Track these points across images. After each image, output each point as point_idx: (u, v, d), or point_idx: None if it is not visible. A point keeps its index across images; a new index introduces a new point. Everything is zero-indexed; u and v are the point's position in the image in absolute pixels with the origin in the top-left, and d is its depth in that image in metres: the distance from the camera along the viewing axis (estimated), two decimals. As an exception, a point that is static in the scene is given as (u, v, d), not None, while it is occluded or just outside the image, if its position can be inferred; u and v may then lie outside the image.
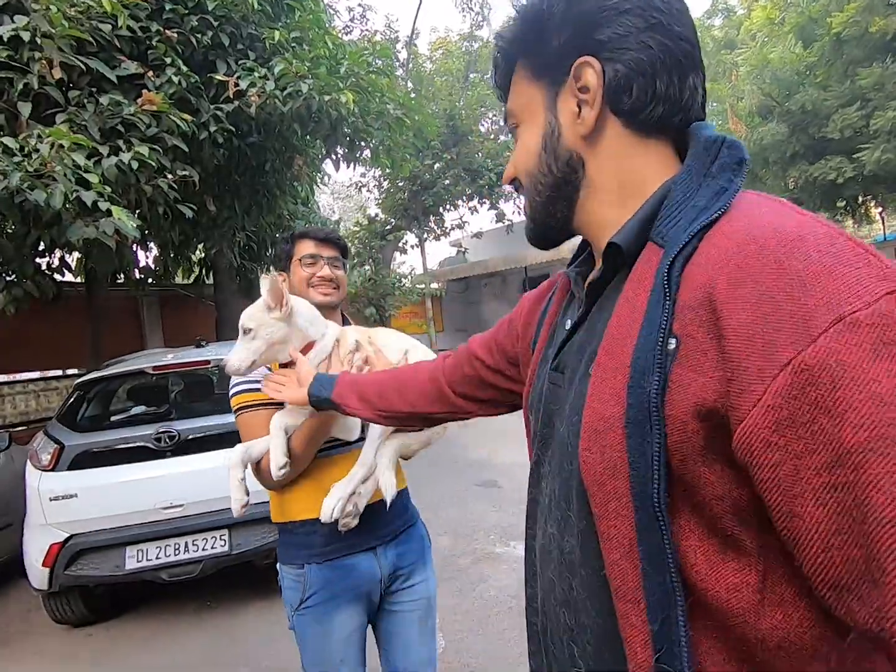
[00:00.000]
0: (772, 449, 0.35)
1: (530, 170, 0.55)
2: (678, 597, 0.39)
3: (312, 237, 1.34)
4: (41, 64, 2.72)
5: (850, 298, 0.34)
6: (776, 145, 9.87)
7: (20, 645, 2.96)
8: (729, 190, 0.45)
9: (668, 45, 0.48)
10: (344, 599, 1.18)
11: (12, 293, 3.26)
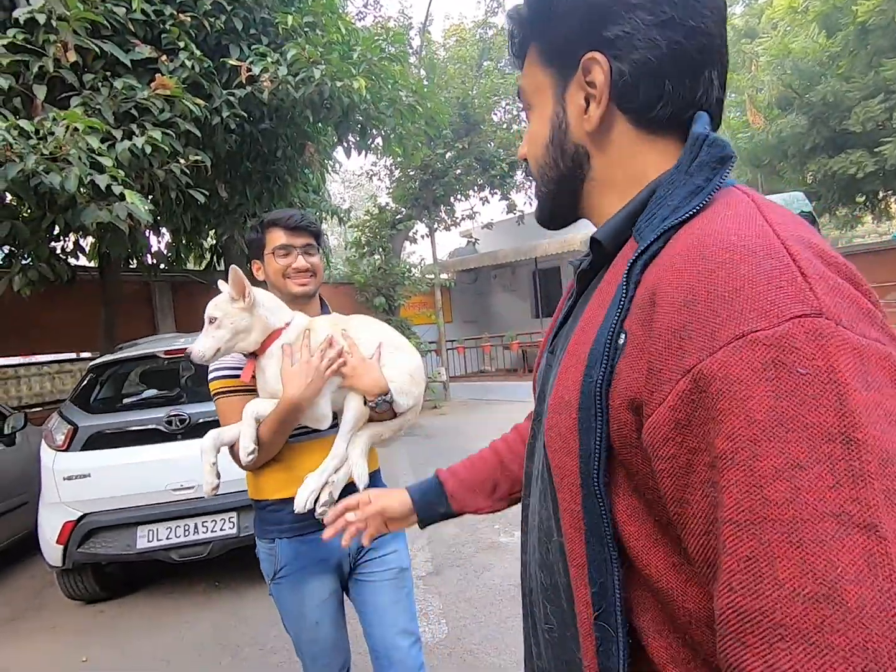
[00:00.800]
0: (669, 444, 0.37)
1: (538, 159, 0.55)
2: (615, 566, 0.42)
3: (283, 226, 1.30)
4: (56, 47, 2.73)
5: (757, 317, 0.35)
6: (795, 138, 9.67)
7: (35, 619, 3.04)
8: (705, 189, 0.44)
9: (680, 42, 0.46)
10: (315, 570, 1.28)
11: (28, 276, 3.31)
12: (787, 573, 0.31)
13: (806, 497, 0.31)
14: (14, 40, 2.71)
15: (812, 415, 0.32)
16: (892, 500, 0.31)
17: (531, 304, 12.23)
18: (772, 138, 9.94)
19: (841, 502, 0.31)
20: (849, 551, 0.30)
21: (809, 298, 0.35)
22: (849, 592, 0.30)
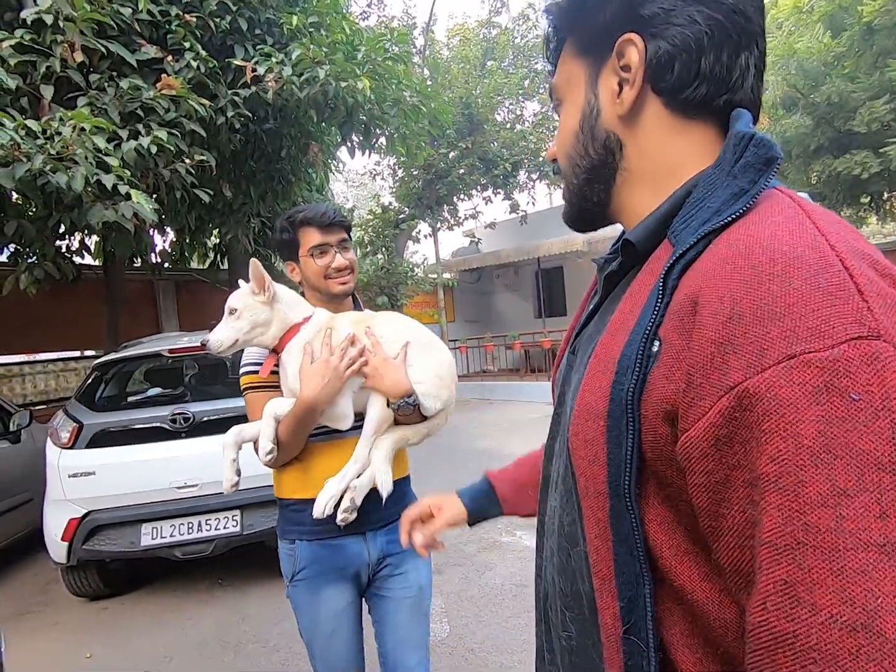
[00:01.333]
0: (707, 459, 0.37)
1: (568, 150, 0.53)
2: (646, 580, 0.41)
3: (317, 225, 1.26)
4: (63, 47, 2.75)
5: (810, 337, 0.33)
6: (800, 138, 9.64)
7: (39, 616, 3.07)
8: (749, 192, 0.42)
9: (718, 20, 0.45)
10: (332, 577, 1.23)
11: (34, 274, 3.33)
12: (826, 600, 0.31)
13: (850, 525, 0.31)
14: (21, 41, 2.73)
15: (863, 442, 0.31)
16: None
17: (534, 303, 12.22)
18: (776, 139, 9.91)
19: (887, 533, 0.30)
20: (892, 583, 0.30)
21: (867, 319, 0.33)
22: (888, 623, 0.29)
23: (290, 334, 1.18)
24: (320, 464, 1.20)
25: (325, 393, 1.12)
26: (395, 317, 1.29)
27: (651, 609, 0.41)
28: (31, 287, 3.36)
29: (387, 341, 1.19)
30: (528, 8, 11.57)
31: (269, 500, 3.00)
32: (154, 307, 7.59)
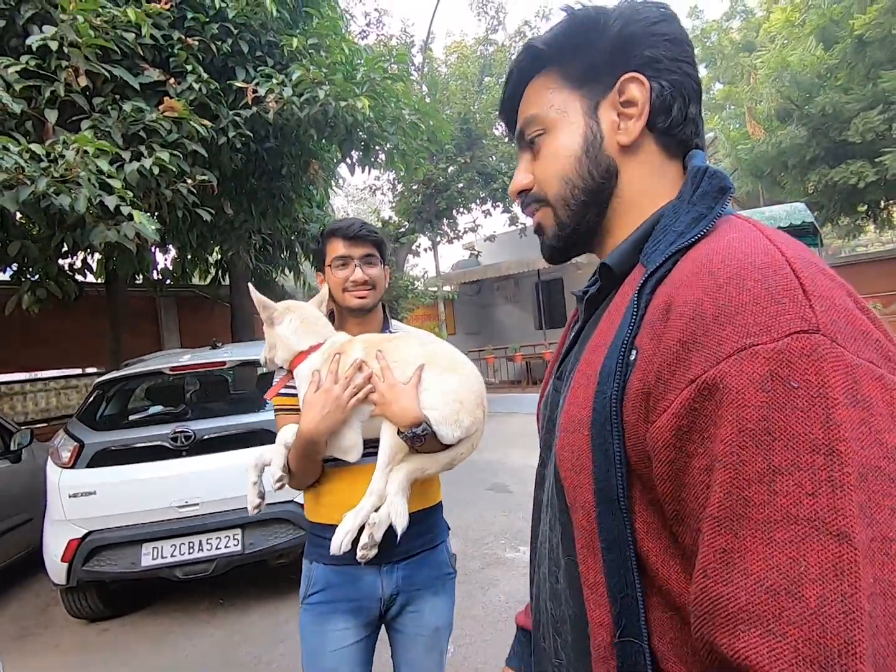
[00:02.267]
0: (669, 448, 0.39)
1: (566, 173, 0.55)
2: (636, 579, 0.43)
3: (342, 236, 1.23)
4: (68, 72, 2.80)
5: (759, 332, 0.37)
6: (795, 149, 9.72)
7: (38, 638, 3.03)
8: (708, 216, 0.47)
9: (695, 76, 0.53)
10: (342, 607, 1.17)
11: (36, 293, 3.35)
12: (756, 566, 0.34)
13: (782, 501, 0.34)
14: (27, 66, 2.78)
15: (799, 426, 0.34)
16: (866, 512, 0.33)
17: (534, 315, 12.24)
18: (772, 149, 10.00)
19: (816, 509, 0.33)
20: (817, 554, 0.32)
21: (809, 315, 0.36)
22: (810, 591, 0.32)
23: (299, 359, 1.16)
24: (333, 490, 1.17)
25: (325, 425, 1.08)
26: (413, 337, 1.22)
27: (643, 608, 0.42)
28: (33, 306, 3.38)
29: (400, 364, 1.11)
30: (525, 25, 11.78)
31: (271, 518, 2.98)
32: (156, 324, 7.61)
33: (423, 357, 1.12)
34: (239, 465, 2.92)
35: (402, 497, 1.06)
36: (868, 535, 0.32)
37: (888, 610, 0.32)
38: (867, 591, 0.32)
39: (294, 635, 2.74)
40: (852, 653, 0.31)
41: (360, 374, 1.10)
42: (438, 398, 1.08)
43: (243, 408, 3.30)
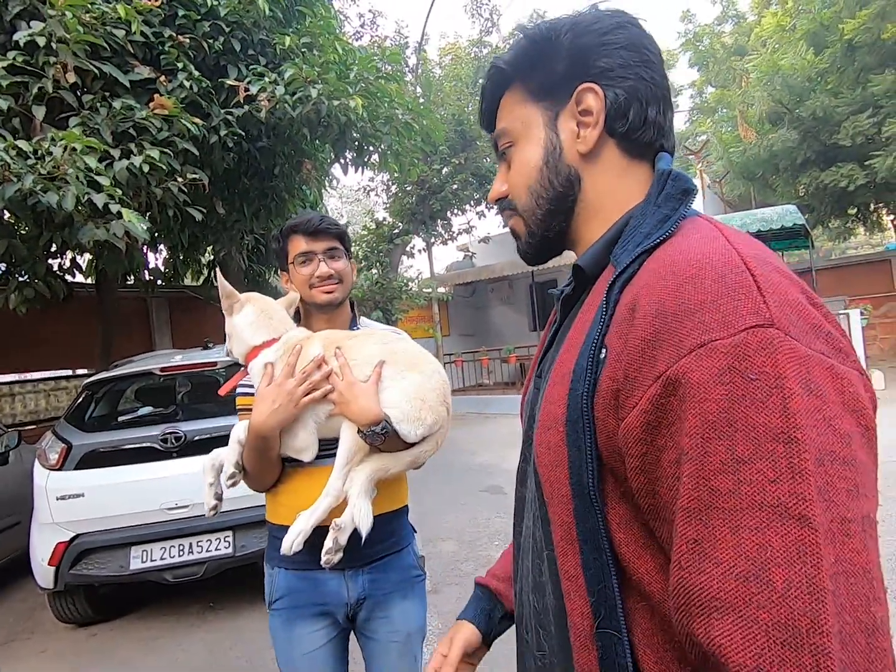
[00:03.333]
0: (640, 444, 0.41)
1: (530, 184, 0.58)
2: (612, 569, 0.44)
3: (302, 232, 1.19)
4: (56, 68, 2.77)
5: (718, 327, 0.38)
6: (787, 152, 9.81)
7: (25, 643, 2.98)
8: (672, 217, 0.49)
9: (656, 80, 0.55)
10: (308, 612, 1.15)
11: (24, 293, 3.31)
12: (725, 554, 0.35)
13: (747, 489, 0.35)
14: (14, 62, 2.75)
15: (759, 416, 0.36)
16: (825, 495, 0.34)
17: (528, 316, 12.25)
18: (763, 152, 10.09)
19: (779, 495, 0.34)
20: (781, 538, 0.34)
21: (763, 311, 0.38)
22: (777, 574, 0.33)
23: (253, 354, 1.12)
24: (291, 490, 1.13)
25: (276, 419, 1.03)
26: (374, 334, 1.18)
27: (620, 598, 0.44)
28: (20, 306, 3.33)
29: (361, 363, 1.07)
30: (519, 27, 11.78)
31: (261, 520, 2.94)
32: (147, 324, 7.54)
33: (382, 355, 1.08)
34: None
35: (366, 499, 1.02)
36: (827, 517, 0.34)
37: (851, 588, 0.33)
38: (829, 570, 0.33)
39: (286, 639, 2.72)
40: (820, 631, 0.32)
41: (319, 371, 1.06)
42: (399, 396, 1.04)
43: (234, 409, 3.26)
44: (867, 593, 0.34)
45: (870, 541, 0.35)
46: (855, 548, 0.34)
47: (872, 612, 0.33)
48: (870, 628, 0.33)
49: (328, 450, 1.09)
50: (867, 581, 0.34)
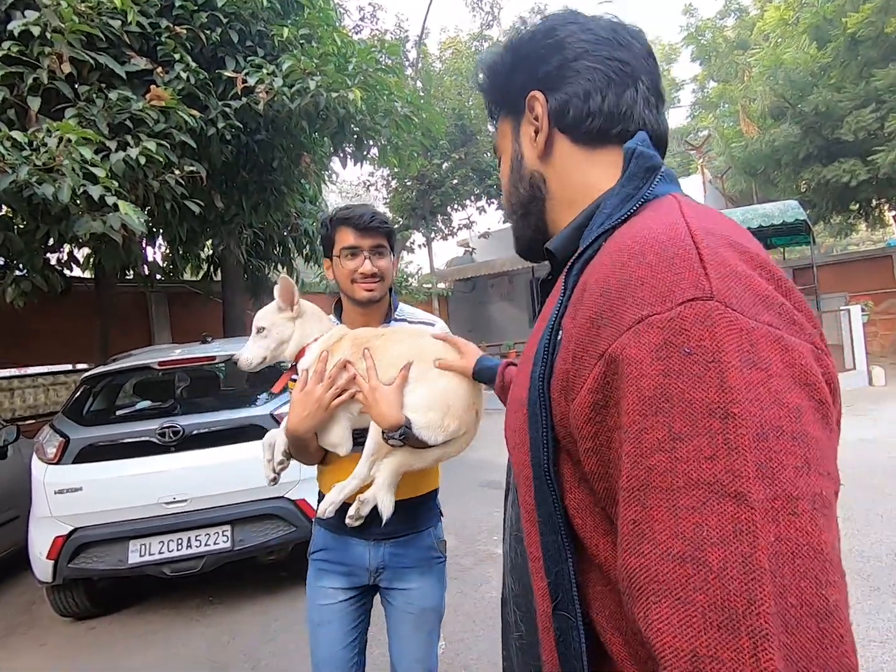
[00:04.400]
0: (590, 424, 0.40)
1: (505, 192, 0.64)
2: (568, 553, 0.44)
3: (352, 226, 1.23)
4: (51, 59, 2.74)
5: (656, 302, 0.38)
6: (788, 147, 9.76)
7: (24, 637, 2.98)
8: (635, 196, 0.48)
9: (598, 69, 0.55)
10: (335, 569, 1.28)
11: (21, 287, 3.29)
12: (662, 535, 0.34)
13: (683, 467, 0.34)
14: (9, 53, 2.72)
15: (695, 391, 0.35)
16: (764, 472, 0.33)
17: (528, 312, 12.24)
18: (765, 147, 10.04)
19: (715, 472, 0.33)
20: (717, 517, 0.32)
21: (703, 283, 0.37)
22: (712, 555, 0.32)
23: (301, 353, 1.20)
24: (335, 469, 1.24)
25: (307, 426, 1.12)
26: (404, 333, 1.21)
27: (575, 582, 0.43)
28: (17, 300, 3.31)
29: (387, 365, 1.11)
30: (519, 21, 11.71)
31: (260, 514, 2.94)
32: (146, 319, 7.52)
33: (411, 355, 1.11)
34: (228, 461, 2.92)
35: (388, 491, 1.10)
36: (768, 494, 0.32)
37: (797, 569, 0.31)
38: (767, 550, 0.31)
39: (284, 633, 2.71)
40: (756, 612, 0.30)
41: (345, 374, 1.12)
42: (423, 401, 1.07)
43: (233, 403, 3.26)
44: (817, 575, 0.31)
45: (822, 520, 0.33)
46: (802, 527, 0.32)
47: (825, 596, 0.31)
48: (822, 612, 0.31)
49: (364, 438, 1.17)
50: (819, 562, 0.32)
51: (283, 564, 3.35)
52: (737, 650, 0.30)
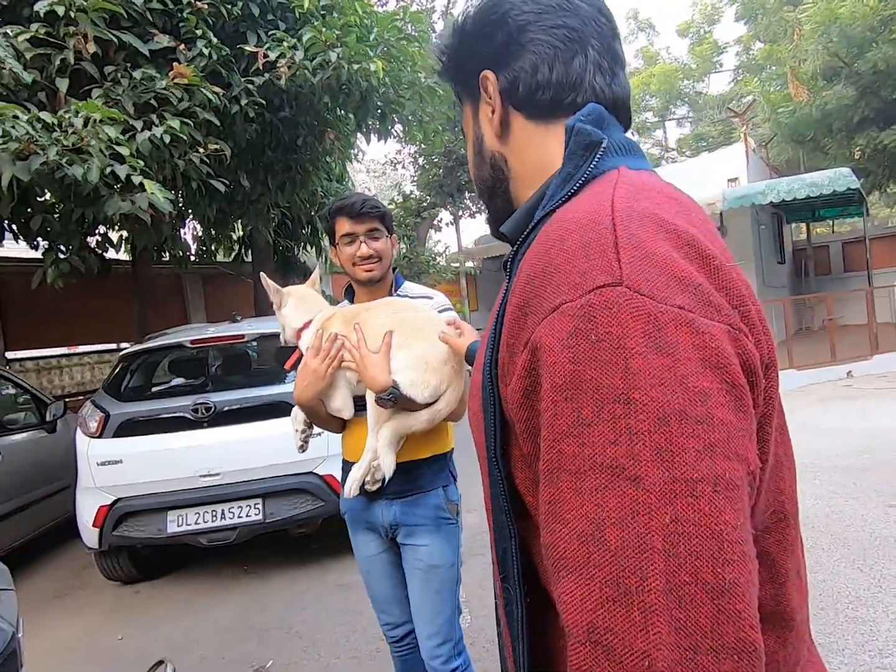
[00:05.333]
0: (523, 409, 0.42)
1: (473, 176, 0.64)
2: (513, 533, 0.46)
3: (347, 214, 1.35)
4: (77, 39, 2.76)
5: (568, 290, 0.38)
6: (841, 110, 9.08)
7: (76, 597, 3.18)
8: (575, 176, 0.47)
9: (542, 39, 0.53)
10: (361, 526, 1.44)
11: (60, 268, 3.40)
12: (570, 514, 0.36)
13: (588, 451, 0.35)
14: (36, 34, 2.75)
15: (602, 378, 0.36)
16: (663, 456, 0.34)
17: (558, 291, 11.99)
18: (816, 112, 9.38)
19: (617, 456, 0.34)
20: (617, 499, 0.34)
21: (613, 268, 0.37)
22: (611, 534, 0.34)
23: (299, 335, 1.35)
24: (351, 435, 1.40)
25: (309, 394, 1.27)
26: (386, 305, 1.32)
27: (517, 558, 0.46)
28: (57, 280, 3.43)
29: (374, 335, 1.24)
30: None
31: (291, 488, 3.02)
32: (182, 300, 7.74)
33: (392, 325, 1.24)
34: (259, 437, 2.99)
35: (389, 451, 1.23)
36: (666, 476, 0.33)
37: (692, 548, 0.33)
38: (661, 531, 0.33)
39: (312, 603, 2.80)
40: (647, 588, 0.32)
41: (335, 345, 1.26)
42: (402, 362, 1.20)
43: (263, 380, 3.32)
44: (714, 554, 0.33)
45: (723, 501, 0.33)
46: (700, 508, 0.33)
47: (720, 574, 0.32)
48: (717, 590, 0.32)
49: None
50: (716, 542, 0.33)
51: (313, 537, 3.44)
52: (629, 622, 0.32)
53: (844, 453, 4.10)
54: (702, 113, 20.41)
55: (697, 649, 0.31)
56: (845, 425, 4.83)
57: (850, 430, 4.68)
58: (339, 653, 2.36)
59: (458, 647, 1.41)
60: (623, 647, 0.32)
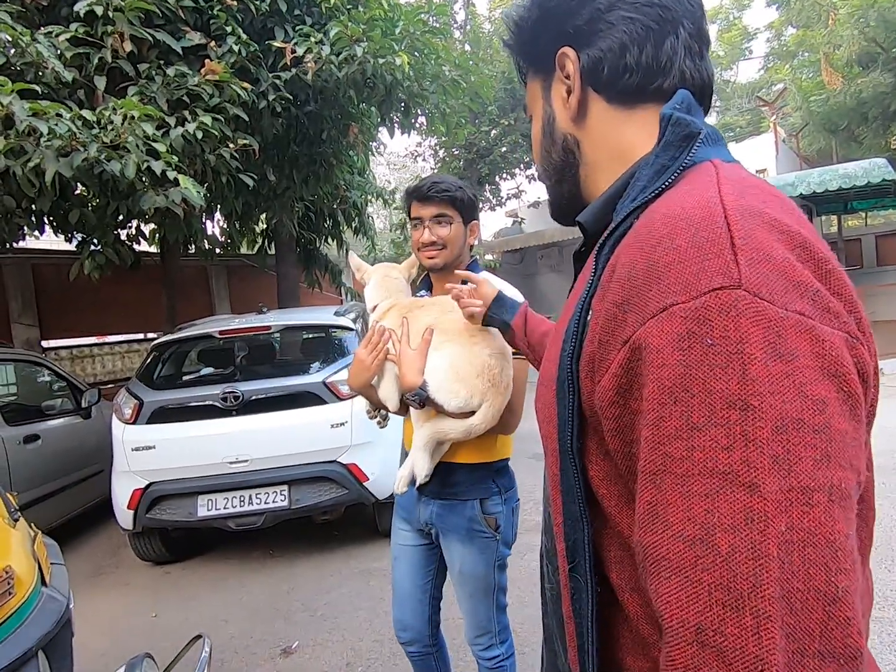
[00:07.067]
0: (614, 406, 0.42)
1: (538, 157, 0.61)
2: (585, 524, 0.47)
3: (415, 197, 1.29)
4: (114, 38, 2.85)
5: (681, 290, 0.37)
6: (878, 98, 8.76)
7: (112, 576, 3.33)
8: (671, 168, 0.46)
9: (633, 18, 0.51)
10: (402, 515, 1.45)
11: (96, 260, 3.53)
12: (675, 517, 0.36)
13: (699, 455, 0.35)
14: (76, 34, 2.84)
15: (716, 383, 0.35)
16: (780, 464, 0.33)
17: (579, 284, 11.87)
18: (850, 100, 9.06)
19: (730, 462, 0.34)
20: (729, 504, 0.34)
21: (732, 270, 0.36)
22: (722, 539, 0.34)
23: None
24: (408, 425, 1.38)
25: (357, 383, 1.28)
26: (442, 305, 1.26)
27: (590, 549, 0.46)
28: (93, 272, 3.56)
29: (417, 333, 1.22)
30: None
31: (316, 476, 3.10)
32: (208, 291, 7.92)
33: (434, 325, 1.21)
34: (284, 426, 3.08)
35: (423, 452, 1.21)
36: (783, 485, 0.33)
37: (806, 557, 0.33)
38: (777, 538, 0.33)
39: (337, 587, 2.87)
40: (760, 595, 0.32)
41: (383, 338, 1.25)
42: (433, 365, 1.17)
43: (288, 371, 3.40)
44: (828, 563, 0.33)
45: (838, 511, 0.34)
46: (816, 517, 0.33)
47: (833, 582, 0.33)
48: (829, 597, 0.33)
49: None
50: (830, 551, 0.33)
51: (336, 524, 3.53)
52: (740, 626, 0.32)
53: (875, 452, 3.99)
54: (729, 102, 19.87)
55: (805, 653, 0.32)
56: (877, 423, 4.69)
57: (882, 429, 4.56)
58: (362, 635, 2.43)
59: (501, 636, 1.42)
60: (734, 651, 0.32)
